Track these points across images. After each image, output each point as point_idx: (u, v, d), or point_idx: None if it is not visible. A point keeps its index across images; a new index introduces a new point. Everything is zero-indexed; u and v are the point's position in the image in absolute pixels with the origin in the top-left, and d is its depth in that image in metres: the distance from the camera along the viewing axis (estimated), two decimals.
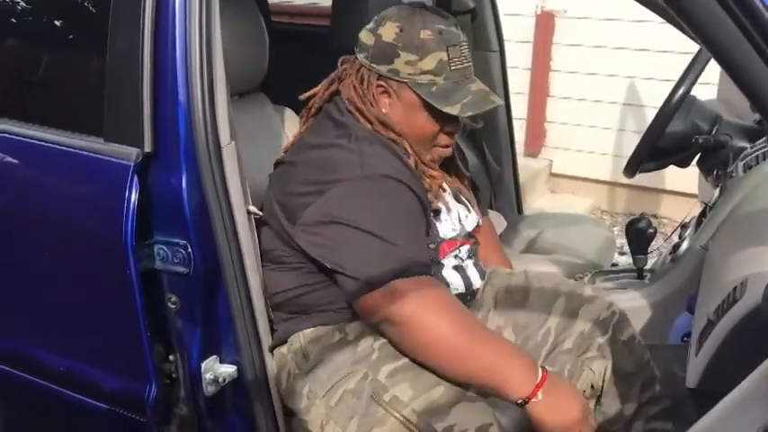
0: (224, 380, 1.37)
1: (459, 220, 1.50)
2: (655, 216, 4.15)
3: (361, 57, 1.41)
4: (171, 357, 1.41)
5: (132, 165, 1.29)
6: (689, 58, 1.97)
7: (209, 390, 1.37)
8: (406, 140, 1.39)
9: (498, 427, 1.30)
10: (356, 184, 1.31)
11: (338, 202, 1.31)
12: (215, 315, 1.36)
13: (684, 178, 2.53)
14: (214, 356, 1.38)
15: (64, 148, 1.39)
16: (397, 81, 1.38)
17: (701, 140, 2.01)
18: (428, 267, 1.31)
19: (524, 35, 4.27)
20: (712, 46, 0.83)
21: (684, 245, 2.00)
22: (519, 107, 4.30)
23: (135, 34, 1.27)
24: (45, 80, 1.51)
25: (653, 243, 2.14)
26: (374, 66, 1.39)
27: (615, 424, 1.52)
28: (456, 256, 1.49)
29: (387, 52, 1.37)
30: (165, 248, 1.32)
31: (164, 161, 1.30)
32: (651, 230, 1.99)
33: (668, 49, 3.57)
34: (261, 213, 1.40)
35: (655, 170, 2.10)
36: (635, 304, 1.95)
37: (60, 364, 1.50)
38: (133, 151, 1.29)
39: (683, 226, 2.21)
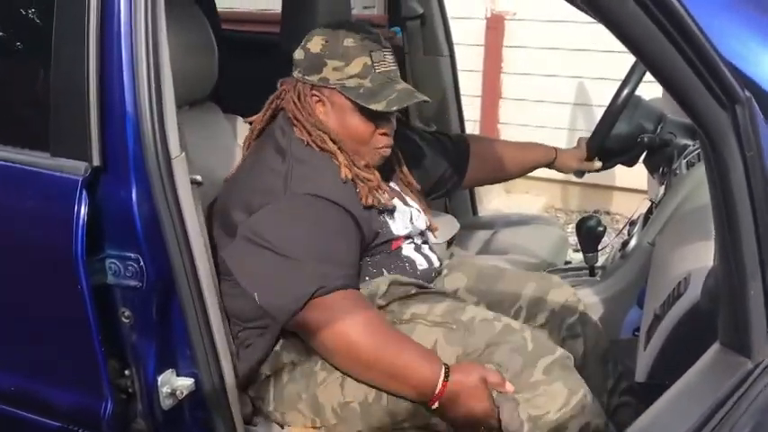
0: (181, 393, 1.36)
1: (411, 220, 1.58)
2: (607, 212, 4.24)
3: (295, 73, 1.51)
4: (126, 372, 1.40)
5: (81, 179, 1.27)
6: (634, 59, 2.02)
7: (167, 403, 1.36)
8: (340, 150, 1.46)
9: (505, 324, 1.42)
10: (277, 206, 1.39)
11: (258, 224, 1.39)
12: (170, 328, 1.35)
13: (635, 175, 2.59)
14: (171, 369, 1.37)
15: (9, 164, 1.37)
16: (328, 88, 1.47)
17: (646, 139, 2.06)
18: (346, 279, 1.36)
19: (475, 38, 4.32)
20: (642, 56, 0.86)
21: (633, 241, 2.05)
22: (472, 109, 4.35)
23: (80, 46, 1.26)
24: None
25: (605, 239, 2.19)
26: (306, 78, 1.48)
27: (597, 398, 1.58)
28: (406, 236, 1.57)
29: (315, 63, 1.47)
30: (116, 262, 1.31)
31: (113, 174, 1.29)
32: (601, 228, 2.04)
33: (615, 50, 3.65)
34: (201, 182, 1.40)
35: (603, 170, 2.14)
36: (587, 301, 1.99)
37: (11, 384, 1.48)
38: (81, 165, 1.28)
39: (632, 223, 2.27)
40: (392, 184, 1.63)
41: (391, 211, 1.53)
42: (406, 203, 1.61)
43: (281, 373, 1.46)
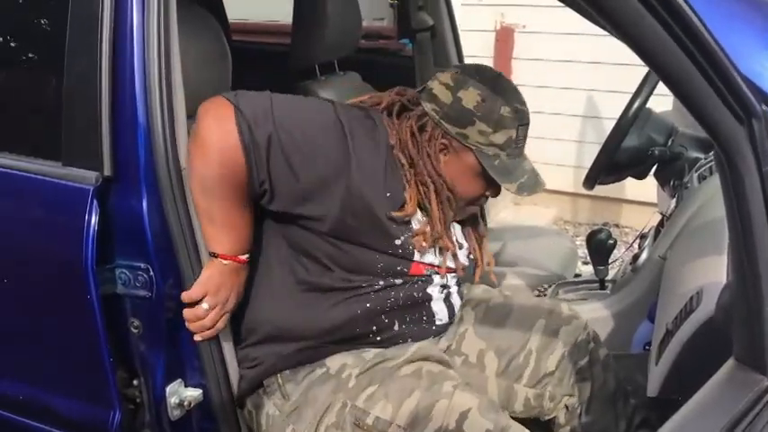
0: (189, 404, 1.36)
1: (441, 252, 1.48)
2: (617, 225, 4.23)
3: (429, 107, 1.41)
4: (135, 382, 1.40)
5: (92, 189, 1.28)
6: (645, 71, 2.02)
7: (175, 414, 1.35)
8: (440, 205, 1.41)
9: (478, 408, 1.32)
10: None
11: None
12: (179, 338, 1.35)
13: (645, 188, 2.59)
14: (179, 380, 1.36)
15: (22, 173, 1.38)
16: (463, 145, 1.39)
17: (657, 152, 2.06)
18: (244, 111, 1.28)
19: (485, 50, 4.33)
20: (659, 70, 0.85)
21: (644, 255, 2.04)
22: None
23: (92, 57, 1.27)
24: (1, 105, 1.49)
25: (615, 253, 2.18)
26: (443, 123, 1.39)
27: None
28: (444, 286, 1.48)
29: (463, 116, 1.38)
30: (126, 272, 1.31)
31: (124, 185, 1.29)
32: (611, 242, 2.03)
33: (625, 62, 3.65)
34: None
35: (613, 182, 2.14)
36: (597, 315, 1.98)
37: (19, 392, 1.48)
38: (92, 175, 1.28)
39: (643, 236, 2.26)
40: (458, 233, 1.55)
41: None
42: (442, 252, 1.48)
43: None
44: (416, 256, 1.41)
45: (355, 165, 1.32)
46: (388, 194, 1.36)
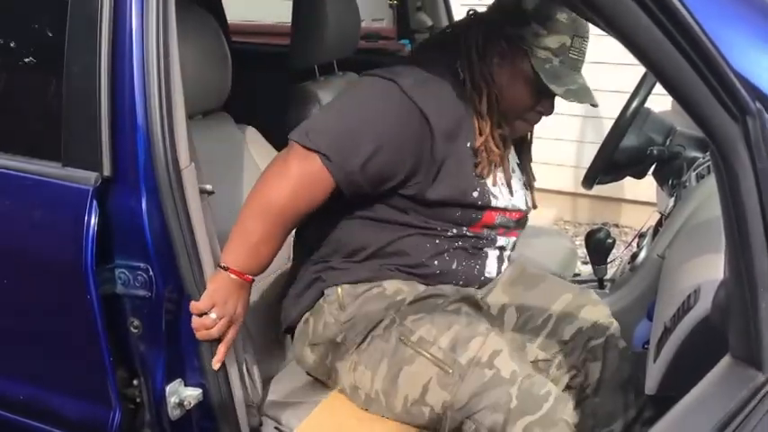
0: (189, 403, 1.37)
1: (510, 192, 1.55)
2: (616, 225, 4.23)
3: (492, 15, 1.49)
4: (135, 382, 1.40)
5: (91, 189, 1.28)
6: (644, 71, 2.02)
7: (175, 414, 1.36)
8: (489, 113, 1.44)
9: (508, 352, 1.40)
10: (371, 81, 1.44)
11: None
12: (178, 338, 1.36)
13: (644, 187, 2.60)
14: (179, 380, 1.37)
15: (22, 173, 1.38)
16: (517, 47, 1.43)
17: (655, 152, 2.07)
18: (331, 157, 1.34)
19: None
20: (653, 68, 0.86)
21: (642, 254, 2.04)
22: None
23: (92, 58, 1.27)
24: (1, 106, 1.50)
25: (614, 252, 2.18)
26: (502, 22, 1.45)
27: (608, 425, 1.57)
28: (501, 247, 1.57)
29: (520, 15, 1.43)
30: (126, 272, 1.32)
31: (123, 185, 1.30)
32: (610, 241, 2.03)
33: (625, 62, 3.65)
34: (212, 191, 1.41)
35: (612, 182, 2.14)
36: None
37: (20, 393, 1.48)
38: (92, 175, 1.29)
39: (641, 235, 2.26)
40: (514, 166, 1.61)
41: (499, 185, 1.51)
42: (511, 192, 1.57)
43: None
44: (493, 202, 1.48)
45: (436, 128, 1.38)
46: (468, 144, 1.44)
